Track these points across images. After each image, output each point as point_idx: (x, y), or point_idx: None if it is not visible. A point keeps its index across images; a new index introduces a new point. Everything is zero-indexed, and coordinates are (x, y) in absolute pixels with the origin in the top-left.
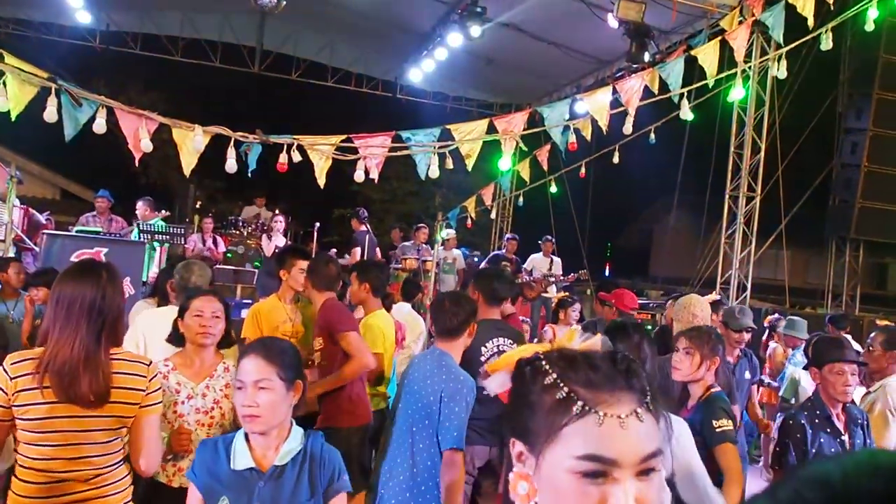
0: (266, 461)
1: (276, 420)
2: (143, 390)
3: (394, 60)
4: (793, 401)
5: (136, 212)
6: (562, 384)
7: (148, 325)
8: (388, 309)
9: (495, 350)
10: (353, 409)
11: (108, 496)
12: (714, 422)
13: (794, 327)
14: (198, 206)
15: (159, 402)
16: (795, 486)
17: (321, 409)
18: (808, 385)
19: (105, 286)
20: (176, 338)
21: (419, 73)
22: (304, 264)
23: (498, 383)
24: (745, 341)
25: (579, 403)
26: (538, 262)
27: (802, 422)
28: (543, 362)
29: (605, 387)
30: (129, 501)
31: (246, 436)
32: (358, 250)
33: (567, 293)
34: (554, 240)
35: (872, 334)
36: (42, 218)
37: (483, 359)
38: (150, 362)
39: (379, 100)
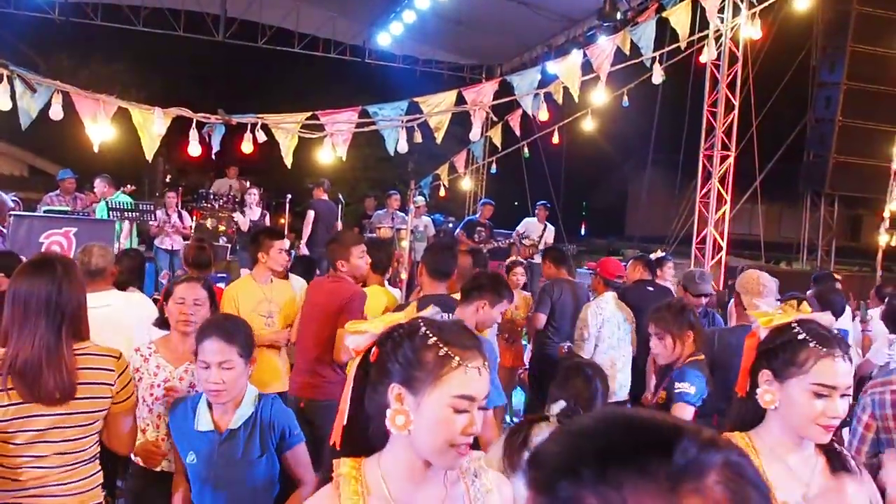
0: (223, 423)
1: (238, 391)
2: (112, 384)
3: (362, 24)
4: None
5: (95, 190)
6: (442, 345)
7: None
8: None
9: None
10: None
11: (80, 493)
12: (676, 384)
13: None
14: (167, 179)
15: (132, 395)
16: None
17: None
18: None
19: (60, 280)
20: (162, 322)
21: (388, 36)
22: (281, 244)
23: (360, 341)
24: (703, 304)
25: (456, 359)
26: (531, 227)
27: None
28: (424, 328)
29: (469, 346)
30: (101, 497)
31: (206, 400)
32: (311, 214)
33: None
34: (550, 205)
35: None
36: (9, 199)
37: None
38: (120, 355)
39: (348, 65)
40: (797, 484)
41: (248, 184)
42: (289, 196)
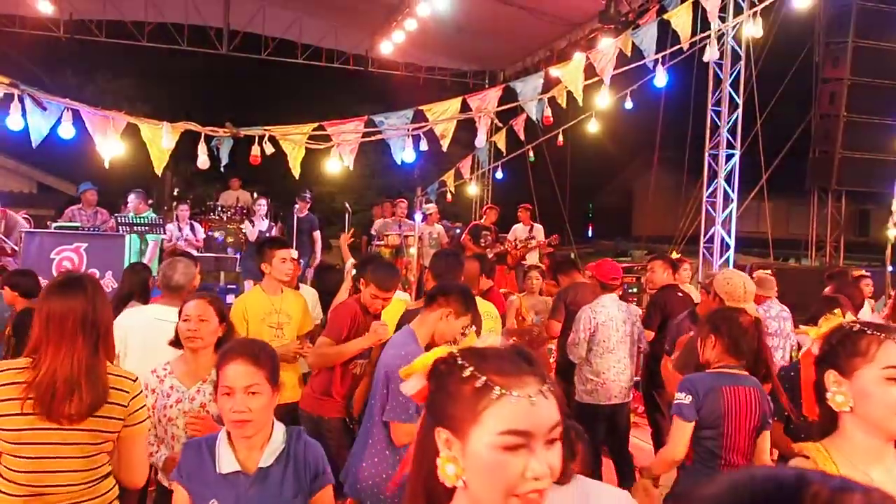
0: (251, 463)
1: (265, 422)
2: (125, 406)
3: (363, 34)
4: None
5: (128, 205)
6: (479, 374)
7: (129, 326)
8: None
9: None
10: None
11: None
12: (676, 394)
13: (762, 285)
14: (175, 192)
15: (145, 420)
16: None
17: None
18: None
19: (94, 298)
20: (177, 341)
21: (390, 45)
22: (285, 254)
23: (412, 385)
24: None
25: (496, 389)
26: (518, 232)
27: None
28: (459, 359)
29: (514, 373)
30: None
31: (228, 437)
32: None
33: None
34: (531, 206)
35: None
36: (20, 218)
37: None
38: (136, 378)
39: (351, 74)
40: None
41: (255, 195)
42: (296, 205)
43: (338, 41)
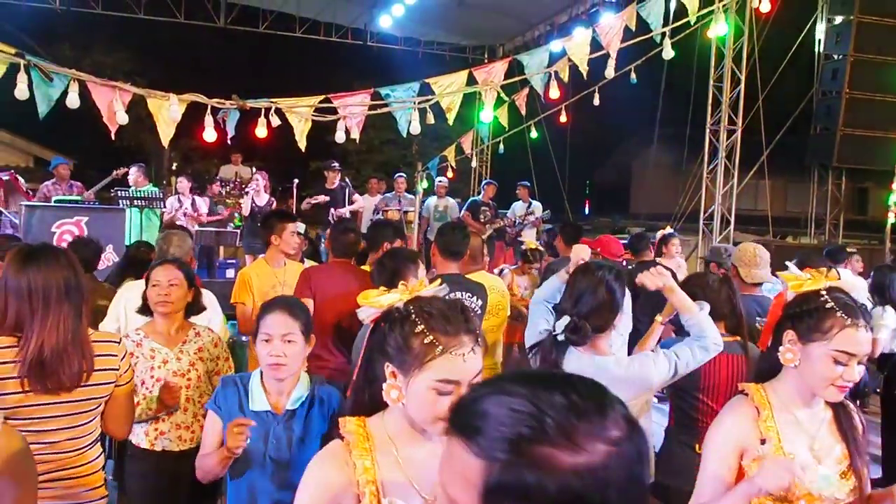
0: (280, 405)
1: (297, 369)
2: (117, 369)
3: (362, 7)
4: None
5: (129, 178)
6: (428, 333)
7: (129, 298)
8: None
9: None
10: None
11: (83, 476)
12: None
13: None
14: (174, 167)
15: (132, 379)
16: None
17: None
18: None
19: (72, 264)
20: (144, 308)
21: (389, 18)
22: (293, 227)
23: (368, 314)
24: None
25: (440, 347)
26: (517, 209)
27: None
28: (413, 314)
29: (454, 333)
30: (101, 480)
31: (261, 380)
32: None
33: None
34: (529, 183)
35: None
36: (23, 184)
37: None
38: (120, 340)
39: (350, 48)
40: (805, 437)
41: (253, 170)
42: (296, 180)
43: (336, 15)
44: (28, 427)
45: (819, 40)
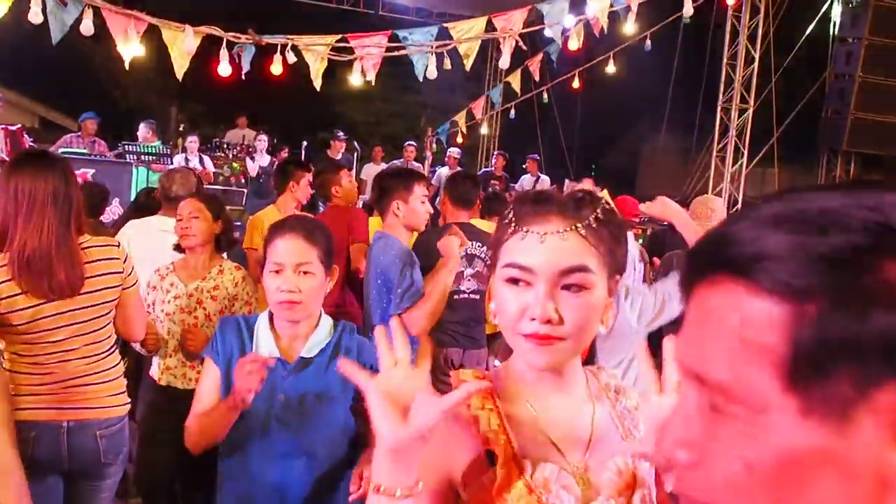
0: (292, 351)
1: (315, 308)
2: (121, 272)
3: None
4: None
5: (138, 134)
6: (510, 214)
7: (130, 235)
8: None
9: (463, 254)
10: None
11: (103, 383)
12: None
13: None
14: (181, 129)
15: (138, 279)
16: None
17: None
18: None
19: (65, 172)
20: (177, 245)
21: None
22: (310, 176)
23: None
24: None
25: (512, 225)
26: (526, 182)
27: None
28: (511, 203)
29: (538, 212)
30: (123, 387)
31: (270, 321)
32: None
33: None
34: (538, 157)
35: None
36: (29, 140)
37: None
38: (119, 243)
39: (360, 17)
40: None
41: (258, 131)
42: (304, 143)
43: None
44: (44, 339)
45: (835, 22)
